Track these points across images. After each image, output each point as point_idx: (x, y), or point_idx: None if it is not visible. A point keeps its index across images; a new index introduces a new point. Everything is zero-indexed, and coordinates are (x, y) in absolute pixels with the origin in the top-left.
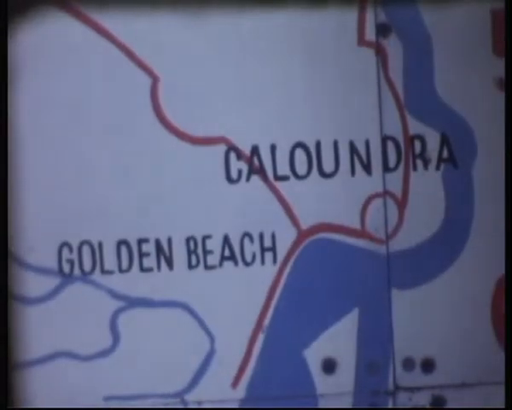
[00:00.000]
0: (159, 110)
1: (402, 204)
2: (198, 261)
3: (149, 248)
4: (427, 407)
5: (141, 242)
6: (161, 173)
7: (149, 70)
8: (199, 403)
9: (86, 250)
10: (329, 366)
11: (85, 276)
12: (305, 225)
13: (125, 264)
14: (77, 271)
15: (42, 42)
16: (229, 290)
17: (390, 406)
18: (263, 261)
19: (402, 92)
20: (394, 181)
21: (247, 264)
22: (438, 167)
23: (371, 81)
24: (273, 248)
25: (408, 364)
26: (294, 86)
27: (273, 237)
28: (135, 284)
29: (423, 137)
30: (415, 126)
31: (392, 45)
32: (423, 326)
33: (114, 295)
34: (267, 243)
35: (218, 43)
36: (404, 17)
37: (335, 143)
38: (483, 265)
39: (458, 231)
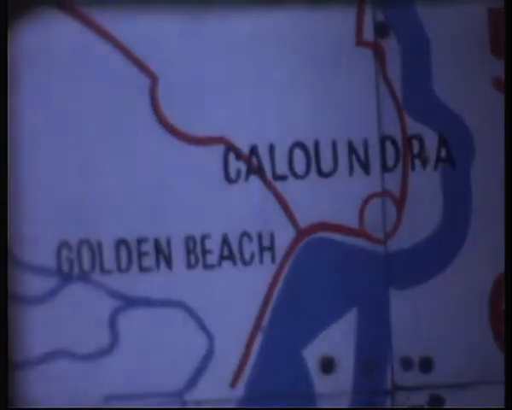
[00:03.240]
0: (158, 110)
1: (400, 204)
2: (197, 261)
3: (148, 247)
4: (426, 406)
5: (140, 241)
6: (160, 173)
7: (149, 70)
8: (197, 403)
9: (85, 250)
10: (328, 366)
11: (84, 275)
12: (303, 225)
13: (124, 263)
14: (76, 270)
15: (42, 42)
16: (227, 290)
17: (388, 405)
18: (261, 261)
19: (400, 92)
20: (393, 181)
21: (245, 263)
22: (436, 167)
23: (369, 81)
24: (272, 248)
25: (406, 363)
26: (293, 86)
27: (272, 236)
28: (134, 283)
29: (421, 136)
30: (413, 126)
31: (391, 45)
32: (421, 326)
33: (113, 294)
34: (266, 242)
35: (218, 43)
36: (403, 17)
37: (334, 143)
38: (481, 264)
39: (456, 230)
